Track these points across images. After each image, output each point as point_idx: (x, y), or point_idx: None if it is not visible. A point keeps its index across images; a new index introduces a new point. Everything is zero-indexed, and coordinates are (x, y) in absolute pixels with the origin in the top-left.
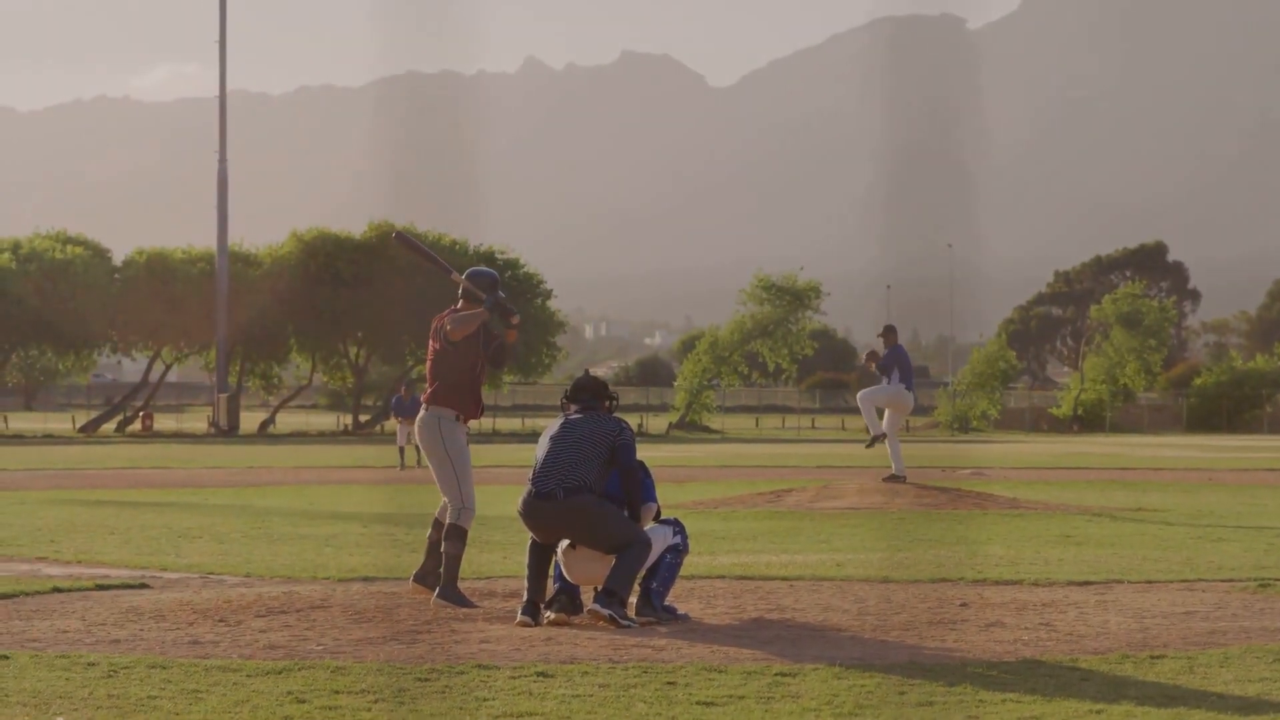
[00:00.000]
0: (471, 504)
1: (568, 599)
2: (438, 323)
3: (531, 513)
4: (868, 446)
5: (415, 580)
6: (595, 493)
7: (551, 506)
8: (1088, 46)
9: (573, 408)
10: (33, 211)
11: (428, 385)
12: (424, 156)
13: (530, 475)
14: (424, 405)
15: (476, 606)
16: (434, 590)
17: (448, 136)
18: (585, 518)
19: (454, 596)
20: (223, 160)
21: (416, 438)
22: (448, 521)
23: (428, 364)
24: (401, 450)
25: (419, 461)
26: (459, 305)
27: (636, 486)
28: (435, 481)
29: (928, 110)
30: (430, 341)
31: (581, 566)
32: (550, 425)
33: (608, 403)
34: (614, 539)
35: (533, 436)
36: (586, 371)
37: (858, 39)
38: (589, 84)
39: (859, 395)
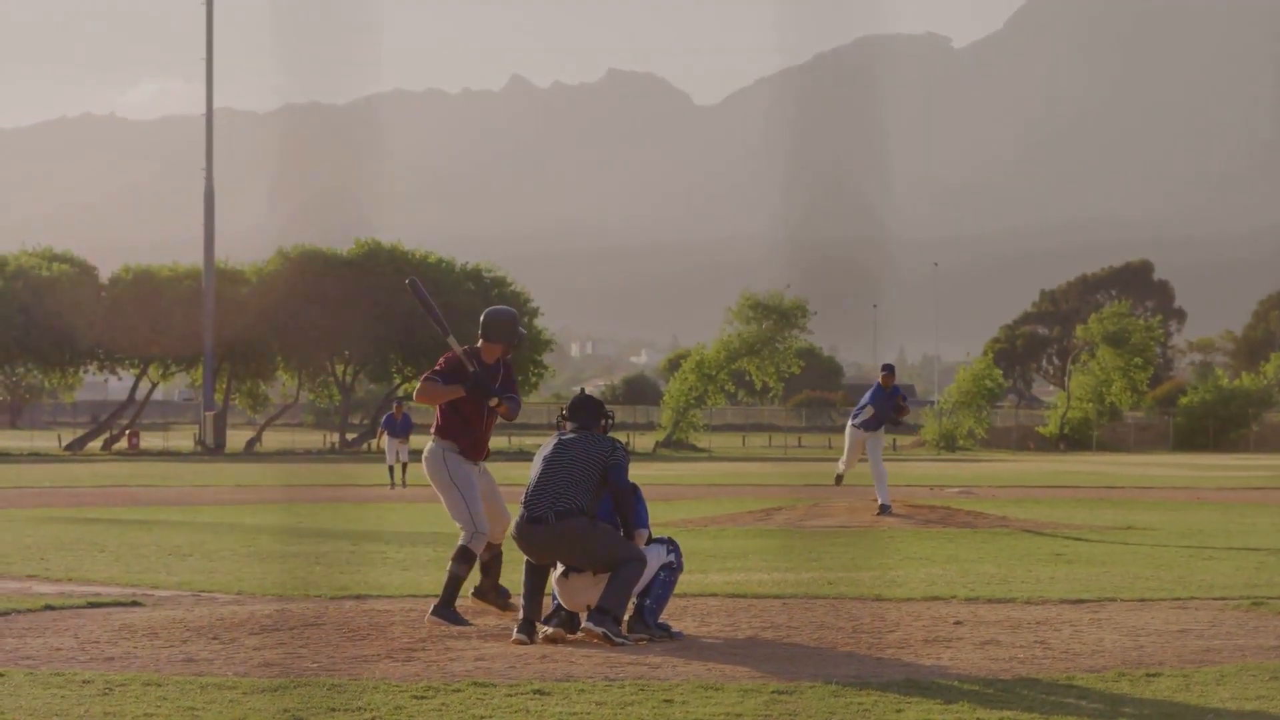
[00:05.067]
0: (485, 528)
1: (566, 615)
2: (449, 359)
3: (524, 536)
4: (880, 514)
5: (474, 595)
6: (588, 515)
7: (544, 530)
8: (1072, 66)
9: (568, 426)
10: (18, 229)
11: (437, 418)
12: (410, 174)
13: (523, 497)
14: (431, 437)
15: (470, 625)
16: (492, 605)
17: (433, 154)
18: (578, 540)
19: (449, 615)
20: (209, 177)
21: (424, 470)
22: (459, 543)
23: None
24: (391, 469)
25: (404, 481)
26: (478, 344)
27: (629, 508)
28: (445, 509)
29: (912, 128)
30: None
31: (576, 593)
32: (545, 445)
33: (603, 422)
34: (608, 558)
35: (519, 455)
36: (582, 390)
37: (843, 58)
38: (574, 102)
39: (880, 464)
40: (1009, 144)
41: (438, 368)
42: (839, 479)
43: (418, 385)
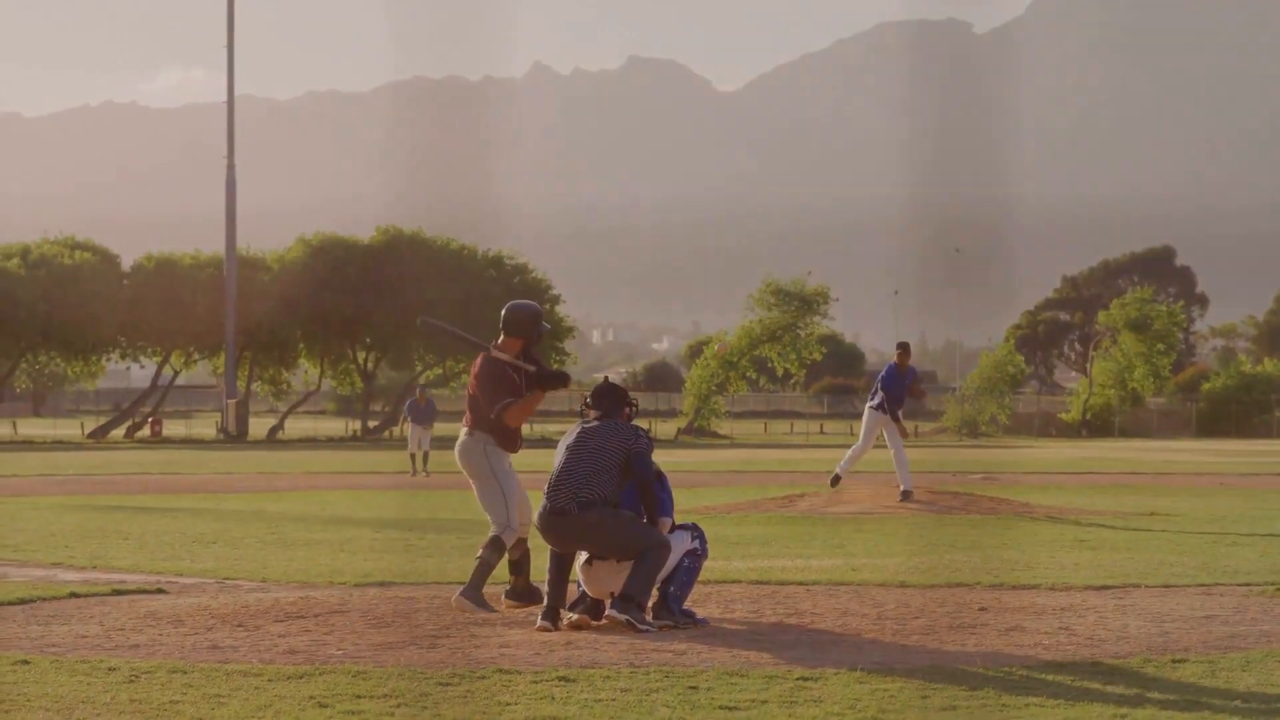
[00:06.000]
0: (515, 524)
1: (591, 601)
2: (486, 368)
3: (547, 527)
4: (902, 500)
5: (509, 598)
6: (610, 504)
7: (566, 522)
8: (1093, 52)
9: (592, 414)
10: (41, 217)
11: (470, 412)
12: (431, 161)
13: (545, 487)
14: (467, 430)
15: (495, 611)
16: (529, 604)
17: (454, 141)
18: (601, 530)
19: (476, 599)
20: (231, 165)
21: (459, 461)
22: (490, 533)
23: (470, 395)
24: (412, 456)
25: (426, 469)
26: (499, 340)
27: (651, 497)
28: (479, 499)
29: (932, 114)
30: (473, 379)
31: (601, 580)
32: (568, 433)
33: (627, 409)
34: (631, 546)
35: (541, 442)
36: (606, 378)
37: (863, 44)
38: (595, 89)
39: (901, 448)
40: (1030, 129)
41: (501, 386)
42: (835, 480)
43: (501, 414)
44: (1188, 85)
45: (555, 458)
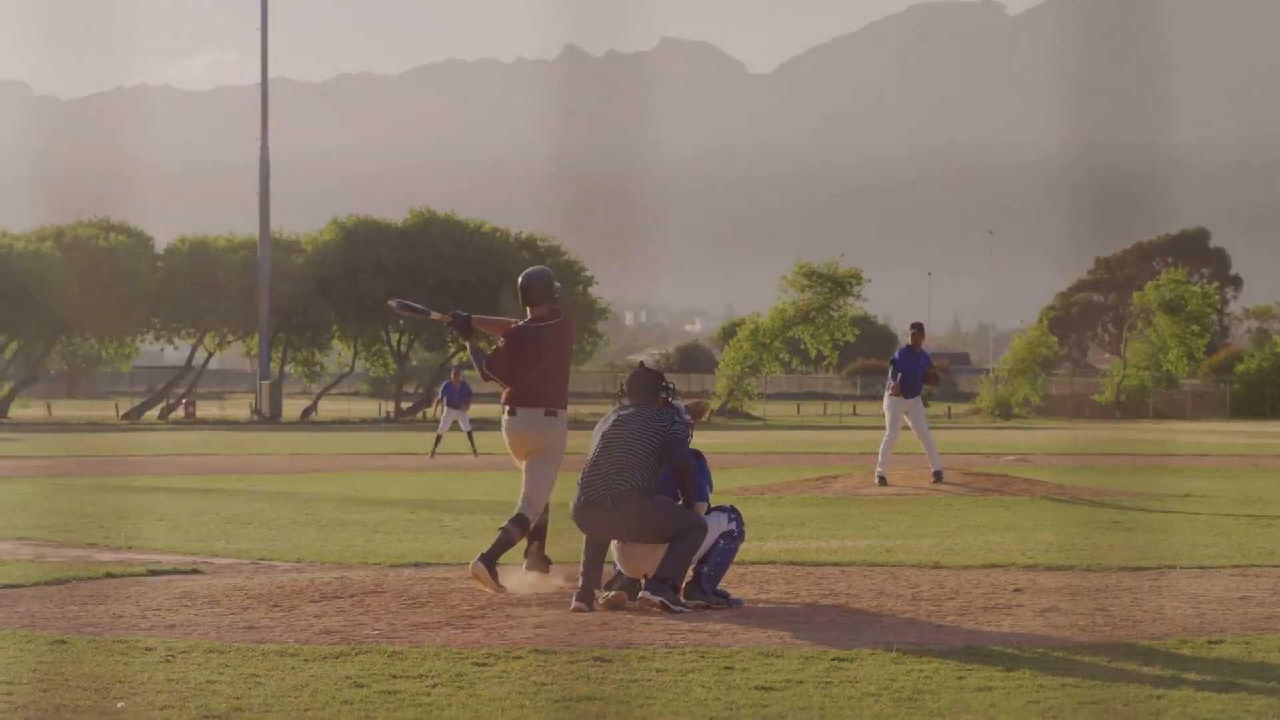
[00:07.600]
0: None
1: (627, 579)
2: (569, 330)
3: (582, 519)
4: (935, 480)
5: (526, 558)
6: (645, 492)
7: (601, 513)
8: (1128, 32)
9: (627, 400)
10: (75, 199)
11: (548, 387)
12: (464, 144)
13: (580, 477)
14: (555, 408)
15: (504, 589)
16: (545, 569)
17: (488, 124)
18: (636, 520)
19: (491, 569)
20: (264, 148)
21: (536, 436)
22: (519, 510)
23: (555, 369)
24: (439, 438)
25: (474, 450)
26: (527, 315)
27: (690, 482)
28: (529, 477)
29: (963, 98)
30: (559, 346)
31: (636, 561)
32: (604, 418)
33: (663, 394)
34: (667, 531)
35: (574, 424)
36: (641, 364)
37: (895, 26)
38: (629, 71)
39: (926, 430)
40: (1064, 112)
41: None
42: (882, 480)
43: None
44: (1226, 70)
45: (591, 443)
